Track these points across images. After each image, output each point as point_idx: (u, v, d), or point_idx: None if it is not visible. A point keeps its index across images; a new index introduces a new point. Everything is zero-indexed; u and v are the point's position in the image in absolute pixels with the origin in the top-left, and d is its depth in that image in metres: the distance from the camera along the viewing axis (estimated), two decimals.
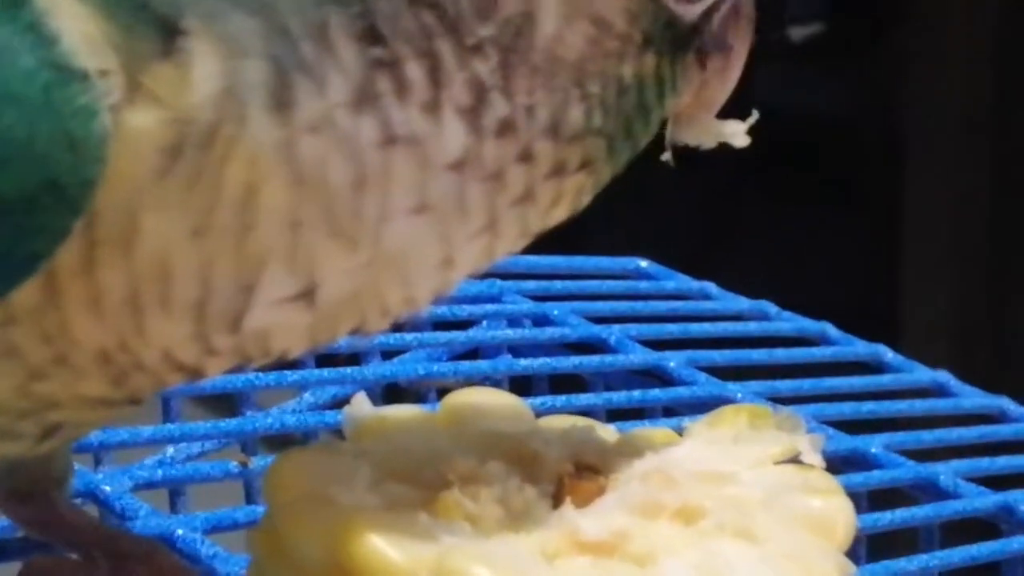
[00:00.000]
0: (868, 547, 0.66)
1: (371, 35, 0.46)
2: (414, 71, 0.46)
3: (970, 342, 1.79)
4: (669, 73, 0.50)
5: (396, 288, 0.49)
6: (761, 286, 0.91)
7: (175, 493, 0.69)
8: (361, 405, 0.54)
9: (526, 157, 0.48)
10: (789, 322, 0.88)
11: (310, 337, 0.49)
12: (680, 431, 0.55)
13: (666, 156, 0.53)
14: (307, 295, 0.47)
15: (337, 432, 0.54)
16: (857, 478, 0.70)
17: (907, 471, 0.72)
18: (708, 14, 0.51)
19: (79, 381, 0.47)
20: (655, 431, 0.54)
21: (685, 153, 0.54)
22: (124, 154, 0.43)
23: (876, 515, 0.67)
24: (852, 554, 0.58)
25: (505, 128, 0.47)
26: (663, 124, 0.52)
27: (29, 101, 0.42)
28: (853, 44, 2.11)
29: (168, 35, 0.44)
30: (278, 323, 0.48)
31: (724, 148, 0.55)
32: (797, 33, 2.04)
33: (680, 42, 0.50)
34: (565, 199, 0.50)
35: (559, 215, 0.50)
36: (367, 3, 0.46)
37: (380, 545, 0.46)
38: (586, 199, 0.50)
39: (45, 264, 0.44)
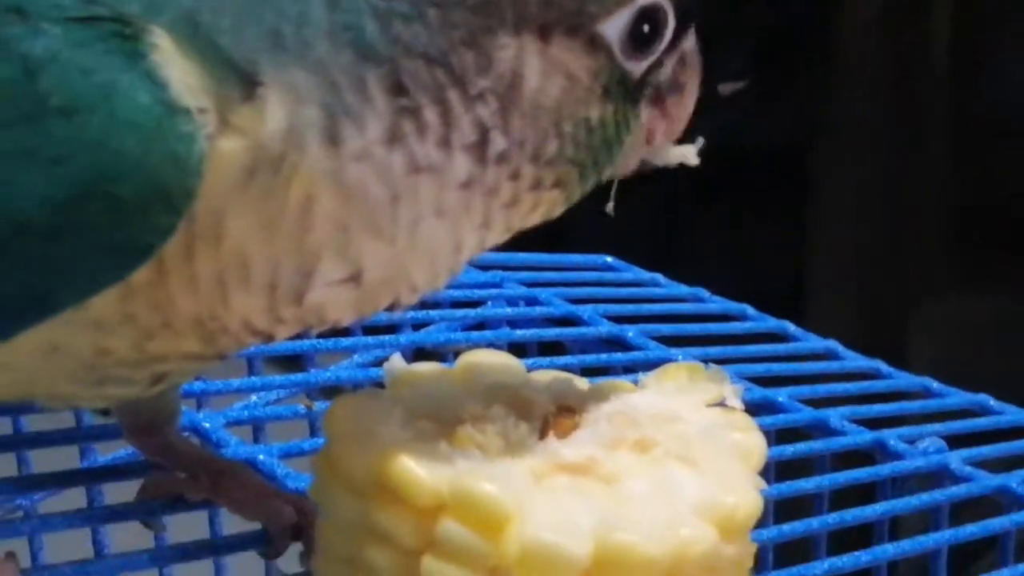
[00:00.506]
0: (776, 472, 0.68)
1: (398, 88, 0.46)
2: (431, 115, 0.46)
3: (853, 321, 1.83)
4: (623, 116, 0.50)
5: (422, 270, 0.49)
6: (697, 277, 0.94)
7: (257, 429, 0.71)
8: (397, 363, 0.54)
9: (514, 176, 0.48)
10: (718, 303, 0.90)
11: (356, 310, 0.50)
12: (636, 383, 0.55)
13: (609, 207, 0.54)
14: (355, 278, 0.48)
15: (379, 383, 0.55)
16: (768, 420, 0.72)
17: (805, 415, 0.75)
18: (653, 69, 0.51)
19: (179, 341, 0.48)
20: (618, 383, 0.54)
21: (644, 175, 0.54)
22: (215, 171, 0.44)
23: (782, 448, 0.69)
24: (764, 475, 0.59)
25: (501, 157, 0.48)
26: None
27: (146, 129, 0.43)
28: (767, 98, 2.12)
29: (249, 85, 0.45)
30: (331, 299, 0.48)
31: (671, 172, 0.55)
32: (725, 89, 2.06)
33: (631, 92, 0.50)
34: (541, 207, 0.50)
35: (535, 219, 0.51)
36: (395, 63, 0.46)
37: (411, 466, 0.46)
38: (559, 210, 0.51)
39: (156, 252, 0.44)
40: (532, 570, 0.45)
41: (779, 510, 0.66)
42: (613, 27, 0.49)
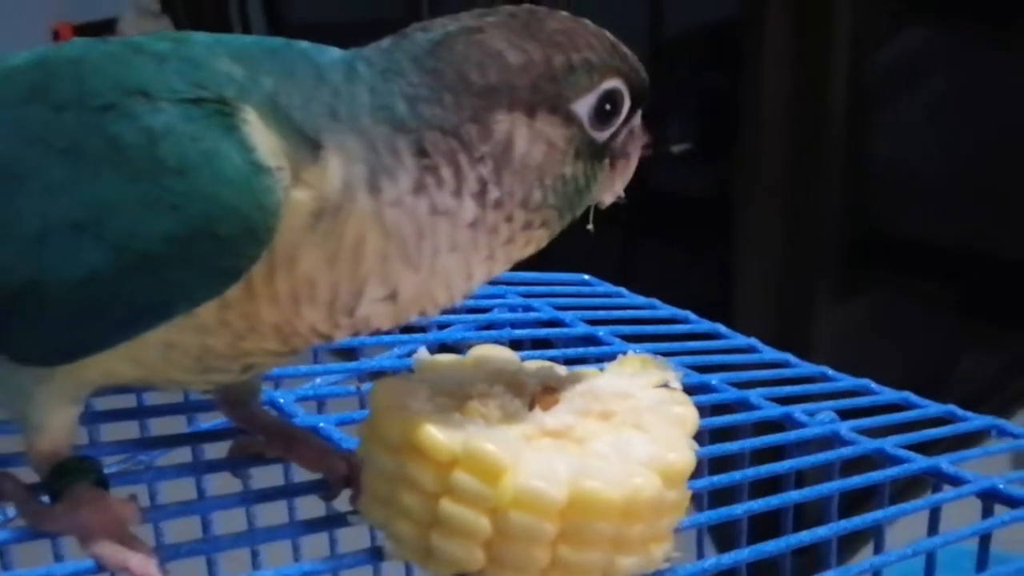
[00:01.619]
0: (710, 437, 0.67)
1: (422, 152, 0.46)
2: (446, 172, 0.46)
3: (769, 323, 1.82)
4: (591, 171, 0.50)
5: (441, 292, 0.49)
6: (652, 291, 0.93)
7: (320, 404, 0.71)
8: (423, 354, 0.55)
9: (509, 219, 0.48)
10: (667, 310, 0.89)
11: (394, 320, 0.50)
12: (602, 370, 0.55)
13: (590, 227, 0.54)
14: (392, 297, 0.48)
15: (410, 369, 0.54)
16: (704, 398, 0.72)
17: (732, 395, 0.74)
18: (614, 136, 0.50)
19: (263, 341, 0.48)
20: (588, 370, 0.55)
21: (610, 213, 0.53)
22: (290, 215, 0.44)
23: (714, 419, 0.70)
24: (700, 440, 0.61)
25: (498, 204, 0.48)
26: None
27: (239, 183, 0.43)
28: (705, 156, 2.13)
29: (315, 149, 0.45)
30: (375, 313, 0.48)
31: (632, 212, 0.59)
32: (676, 148, 2.06)
33: (597, 153, 0.50)
34: (532, 243, 0.50)
35: (529, 251, 0.50)
36: (419, 133, 0.46)
37: (433, 431, 0.47)
38: (544, 243, 0.51)
39: (245, 275, 0.45)
40: (522, 508, 0.46)
41: (712, 466, 0.65)
42: (583, 105, 0.49)
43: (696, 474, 0.51)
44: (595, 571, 0.47)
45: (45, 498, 0.51)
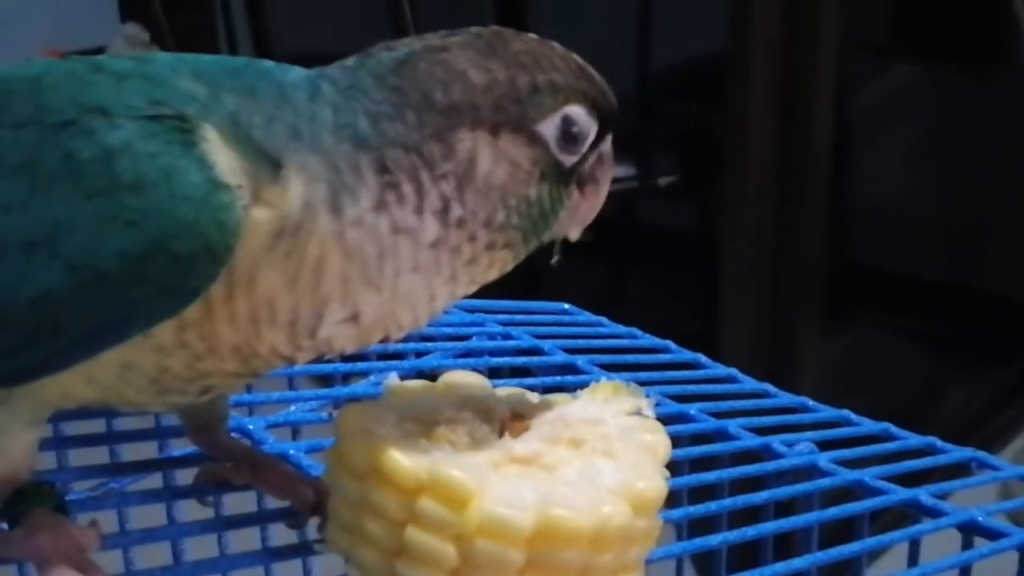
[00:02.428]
0: (688, 467, 0.66)
1: (383, 169, 0.46)
2: (408, 189, 0.46)
3: (754, 356, 1.83)
4: (557, 194, 0.49)
5: (405, 314, 0.48)
6: (637, 322, 0.92)
7: (294, 431, 0.69)
8: (393, 380, 0.54)
9: (472, 238, 0.47)
10: (648, 340, 0.88)
11: (357, 342, 0.48)
12: (575, 397, 0.54)
13: (555, 260, 0.53)
14: (354, 319, 0.47)
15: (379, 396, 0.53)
16: (682, 427, 0.71)
17: (710, 424, 0.73)
18: (581, 161, 0.50)
19: (222, 362, 0.47)
20: (558, 396, 0.54)
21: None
22: (249, 234, 0.44)
23: (693, 448, 0.68)
24: (678, 469, 0.62)
25: (460, 223, 0.47)
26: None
27: (197, 200, 0.42)
28: (691, 189, 2.14)
29: (275, 168, 0.44)
30: (337, 334, 0.47)
31: (616, 245, 0.58)
32: (662, 181, 2.06)
33: (563, 176, 0.49)
34: (496, 265, 0.49)
35: (492, 274, 0.49)
36: (381, 151, 0.45)
37: (397, 456, 0.46)
38: (509, 266, 0.50)
39: (203, 294, 0.44)
40: (489, 536, 0.45)
41: (691, 496, 0.65)
42: (548, 127, 0.48)
43: (675, 504, 0.50)
44: None
45: (3, 524, 0.50)
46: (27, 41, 2.70)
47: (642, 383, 0.55)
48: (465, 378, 0.54)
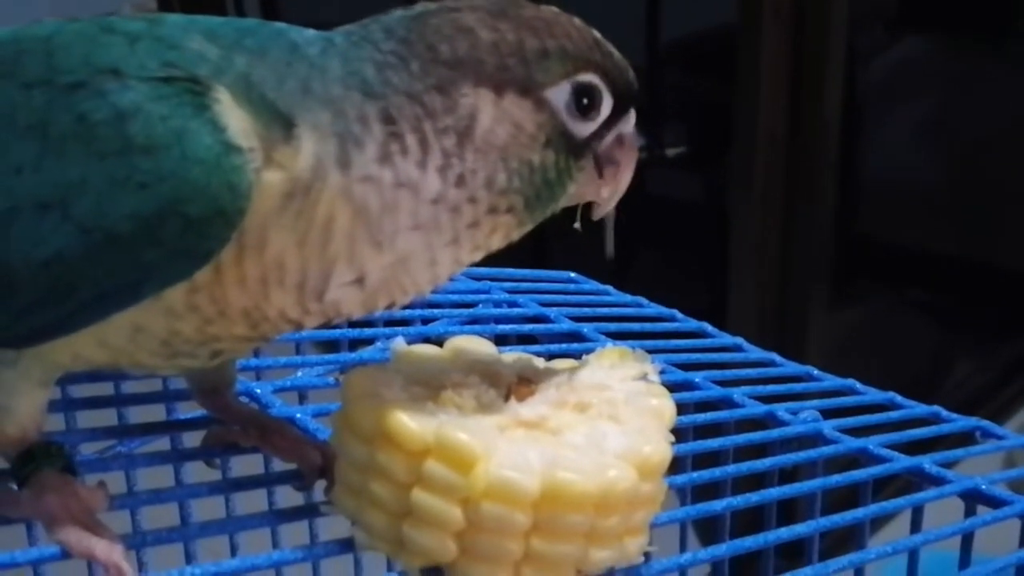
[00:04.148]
0: (693, 434, 0.67)
1: (388, 118, 0.45)
2: (411, 140, 0.45)
3: (762, 328, 1.82)
4: (565, 165, 0.48)
5: (407, 279, 0.48)
6: (639, 289, 0.92)
7: (300, 396, 0.69)
8: (400, 344, 0.53)
9: (472, 200, 0.47)
10: (653, 308, 0.88)
11: (363, 306, 0.48)
12: (580, 362, 0.53)
13: (577, 225, 0.52)
14: (359, 281, 0.47)
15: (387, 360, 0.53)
16: (688, 395, 0.71)
17: (716, 392, 0.73)
18: (596, 136, 0.49)
19: (232, 325, 0.47)
20: (565, 361, 0.53)
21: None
22: (260, 196, 0.43)
23: (698, 415, 0.68)
24: (684, 436, 0.63)
25: (460, 181, 0.46)
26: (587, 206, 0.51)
27: (209, 163, 0.42)
28: (700, 161, 2.13)
29: (287, 129, 0.44)
30: (344, 297, 0.47)
31: (624, 214, 0.56)
32: (671, 152, 2.05)
33: (575, 148, 0.48)
34: (499, 231, 0.48)
35: (496, 242, 0.49)
36: (387, 99, 0.45)
37: (404, 419, 0.46)
38: (515, 234, 0.49)
39: (214, 257, 0.44)
40: (495, 499, 0.45)
41: (695, 462, 0.65)
42: (557, 93, 0.47)
43: (679, 470, 0.50)
44: (568, 564, 0.46)
45: (12, 484, 0.50)
46: (34, 10, 2.69)
47: (648, 351, 0.55)
48: (472, 343, 0.54)
